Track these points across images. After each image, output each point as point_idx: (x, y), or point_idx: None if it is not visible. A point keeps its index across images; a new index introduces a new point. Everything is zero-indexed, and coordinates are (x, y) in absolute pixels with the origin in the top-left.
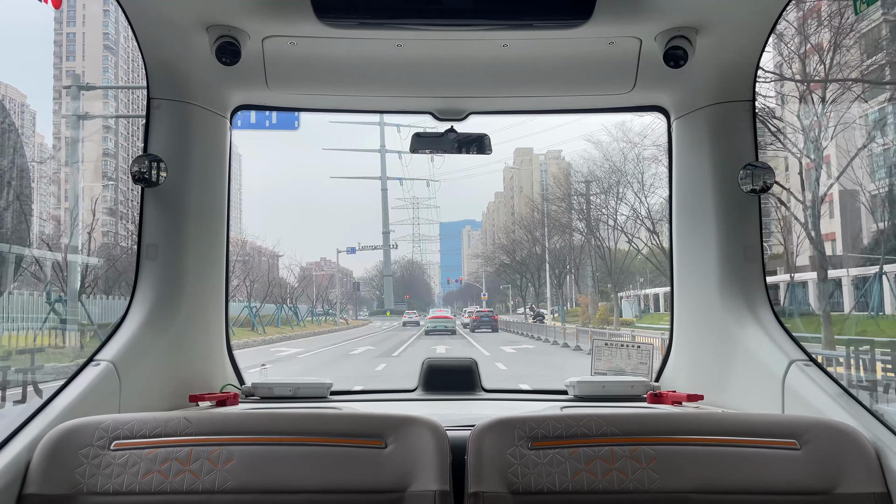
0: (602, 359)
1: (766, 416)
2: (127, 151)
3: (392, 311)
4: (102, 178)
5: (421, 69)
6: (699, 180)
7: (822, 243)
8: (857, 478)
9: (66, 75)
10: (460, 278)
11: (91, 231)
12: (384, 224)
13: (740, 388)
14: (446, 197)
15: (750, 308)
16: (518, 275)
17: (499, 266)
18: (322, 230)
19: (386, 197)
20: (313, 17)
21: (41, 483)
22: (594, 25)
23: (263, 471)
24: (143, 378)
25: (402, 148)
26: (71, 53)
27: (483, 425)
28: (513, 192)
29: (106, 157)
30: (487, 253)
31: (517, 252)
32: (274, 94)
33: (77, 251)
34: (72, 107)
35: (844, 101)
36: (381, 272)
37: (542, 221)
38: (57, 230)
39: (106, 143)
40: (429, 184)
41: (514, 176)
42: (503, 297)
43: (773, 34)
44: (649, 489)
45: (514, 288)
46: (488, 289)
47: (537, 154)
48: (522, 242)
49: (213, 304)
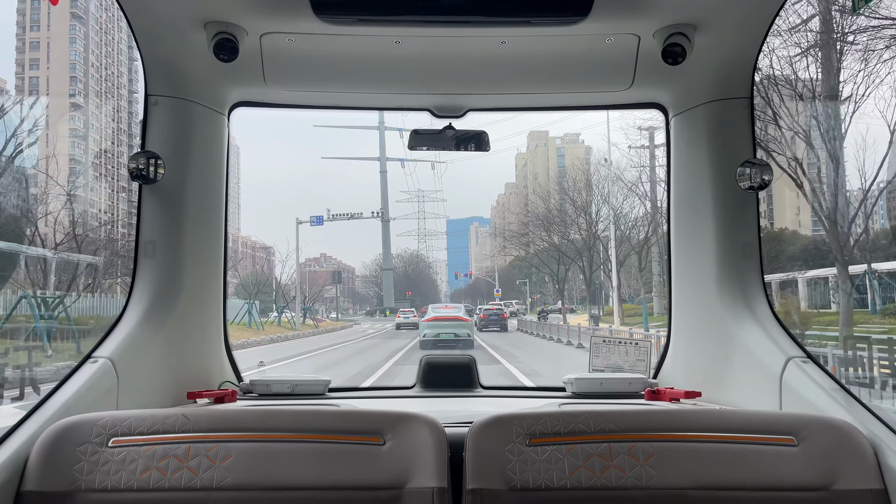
0: (600, 356)
1: (763, 413)
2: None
3: (392, 310)
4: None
5: (419, 66)
6: (697, 177)
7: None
8: (855, 474)
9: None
10: (470, 272)
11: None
12: (383, 211)
13: (738, 385)
14: (452, 193)
15: (748, 305)
16: (535, 268)
17: (513, 259)
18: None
19: (385, 179)
20: (311, 13)
21: (39, 480)
22: (592, 22)
23: (262, 468)
24: (141, 375)
25: (405, 142)
26: (35, 23)
27: (481, 422)
28: (526, 181)
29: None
30: (513, 229)
31: (533, 243)
32: (272, 91)
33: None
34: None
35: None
36: (381, 266)
37: (564, 211)
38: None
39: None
40: (434, 166)
41: (528, 162)
42: (518, 294)
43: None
44: (647, 486)
45: (531, 284)
46: (502, 284)
47: (553, 137)
48: (542, 229)
49: (211, 301)
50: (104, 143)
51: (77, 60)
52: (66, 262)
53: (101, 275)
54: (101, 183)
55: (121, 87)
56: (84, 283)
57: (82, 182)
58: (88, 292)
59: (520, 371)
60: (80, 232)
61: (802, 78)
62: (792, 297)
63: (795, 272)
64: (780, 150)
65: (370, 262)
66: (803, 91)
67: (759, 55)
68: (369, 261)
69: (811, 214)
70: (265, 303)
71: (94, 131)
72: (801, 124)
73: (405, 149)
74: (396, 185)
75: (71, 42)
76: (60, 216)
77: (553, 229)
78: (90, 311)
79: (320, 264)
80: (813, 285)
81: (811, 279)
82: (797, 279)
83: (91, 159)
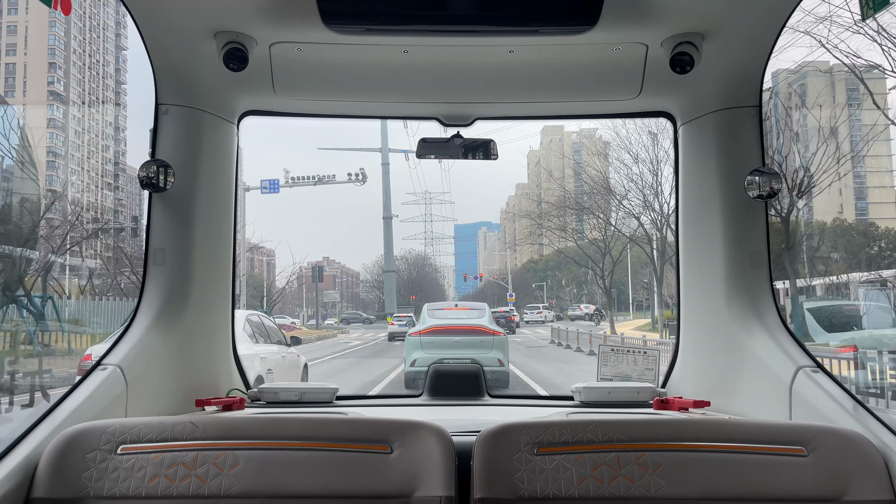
0: (608, 364)
1: (773, 423)
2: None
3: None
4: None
5: (427, 75)
6: (706, 186)
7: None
8: (865, 485)
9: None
10: (480, 274)
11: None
12: (385, 208)
13: (747, 395)
14: (460, 198)
15: (757, 314)
16: (550, 271)
17: (527, 262)
18: (324, 230)
19: (387, 172)
20: (320, 23)
21: (48, 487)
22: (600, 31)
23: (269, 475)
24: (150, 382)
25: (410, 163)
26: (13, 6)
27: (489, 431)
28: (539, 180)
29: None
30: (552, 201)
31: (565, 233)
32: (281, 100)
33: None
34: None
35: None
36: (383, 268)
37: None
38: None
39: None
40: (441, 162)
41: (542, 159)
42: (532, 299)
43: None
44: (656, 496)
45: (547, 288)
46: (516, 288)
47: (569, 132)
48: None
49: (220, 308)
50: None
51: (57, 45)
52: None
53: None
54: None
55: (107, 76)
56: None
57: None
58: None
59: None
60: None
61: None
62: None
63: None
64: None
65: (371, 265)
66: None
67: (767, 64)
68: (370, 262)
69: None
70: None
71: (74, 122)
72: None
73: (409, 142)
74: (403, 186)
75: (50, 26)
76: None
77: (599, 211)
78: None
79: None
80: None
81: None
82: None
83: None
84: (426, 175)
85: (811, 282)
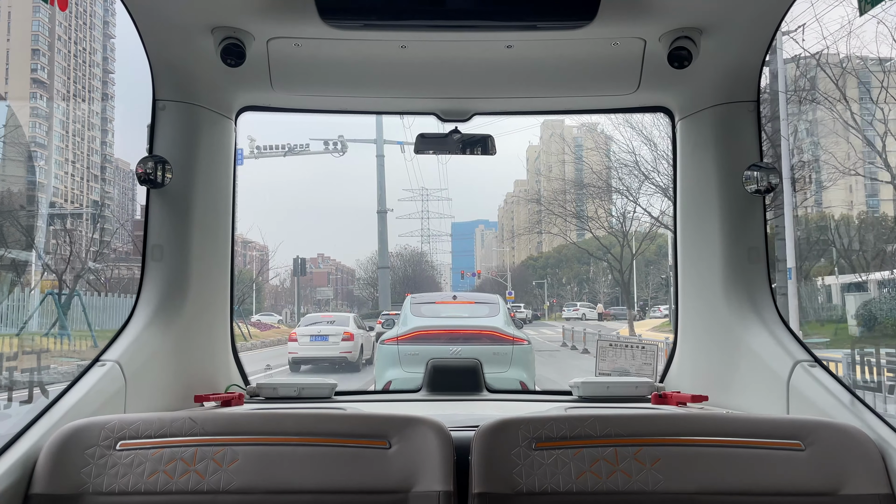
0: (606, 359)
1: (770, 418)
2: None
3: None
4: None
5: (425, 70)
6: (703, 181)
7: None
8: (863, 479)
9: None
10: (478, 271)
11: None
12: (379, 202)
13: (745, 389)
14: (457, 195)
15: (754, 309)
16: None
17: (526, 259)
18: (319, 226)
19: (382, 164)
20: (318, 18)
21: (47, 483)
22: (598, 26)
23: (268, 471)
24: (149, 378)
25: (406, 156)
26: None
27: (487, 426)
28: (538, 176)
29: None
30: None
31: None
32: (278, 96)
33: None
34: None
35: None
36: (377, 265)
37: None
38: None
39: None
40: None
41: (541, 154)
42: (532, 298)
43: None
44: (654, 490)
45: (549, 287)
46: (515, 286)
47: (570, 126)
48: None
49: (218, 304)
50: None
51: (40, 32)
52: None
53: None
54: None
55: (93, 64)
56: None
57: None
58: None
59: None
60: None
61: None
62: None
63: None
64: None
65: (365, 261)
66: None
67: (765, 59)
68: (364, 259)
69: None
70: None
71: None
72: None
73: (405, 133)
74: (399, 182)
75: (34, 11)
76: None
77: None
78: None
79: (317, 265)
80: None
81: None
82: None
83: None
84: (423, 170)
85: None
